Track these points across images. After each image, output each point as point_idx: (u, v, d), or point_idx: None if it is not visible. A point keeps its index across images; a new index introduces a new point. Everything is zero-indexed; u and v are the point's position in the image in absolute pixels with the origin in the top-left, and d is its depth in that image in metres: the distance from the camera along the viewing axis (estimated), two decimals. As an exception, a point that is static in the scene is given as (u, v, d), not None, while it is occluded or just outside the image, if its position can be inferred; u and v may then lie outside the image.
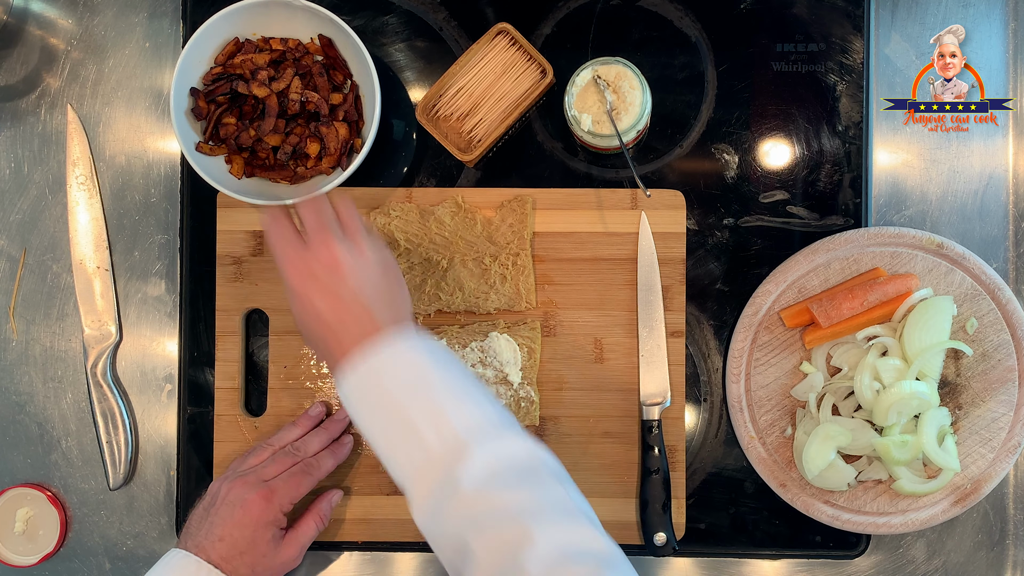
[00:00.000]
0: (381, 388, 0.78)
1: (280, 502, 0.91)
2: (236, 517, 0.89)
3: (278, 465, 0.94)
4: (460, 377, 0.80)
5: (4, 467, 1.06)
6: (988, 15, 1.04)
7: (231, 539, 0.89)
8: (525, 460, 0.77)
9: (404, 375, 0.78)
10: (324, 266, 0.80)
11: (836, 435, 0.97)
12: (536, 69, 0.99)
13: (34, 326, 1.06)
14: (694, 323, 1.03)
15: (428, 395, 0.77)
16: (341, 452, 0.99)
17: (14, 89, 1.07)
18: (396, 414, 0.77)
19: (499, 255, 1.01)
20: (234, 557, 0.89)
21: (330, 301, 0.80)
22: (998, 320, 0.99)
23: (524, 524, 0.73)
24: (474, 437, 0.76)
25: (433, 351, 0.80)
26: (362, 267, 0.82)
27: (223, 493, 0.91)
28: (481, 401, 0.79)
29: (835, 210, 1.03)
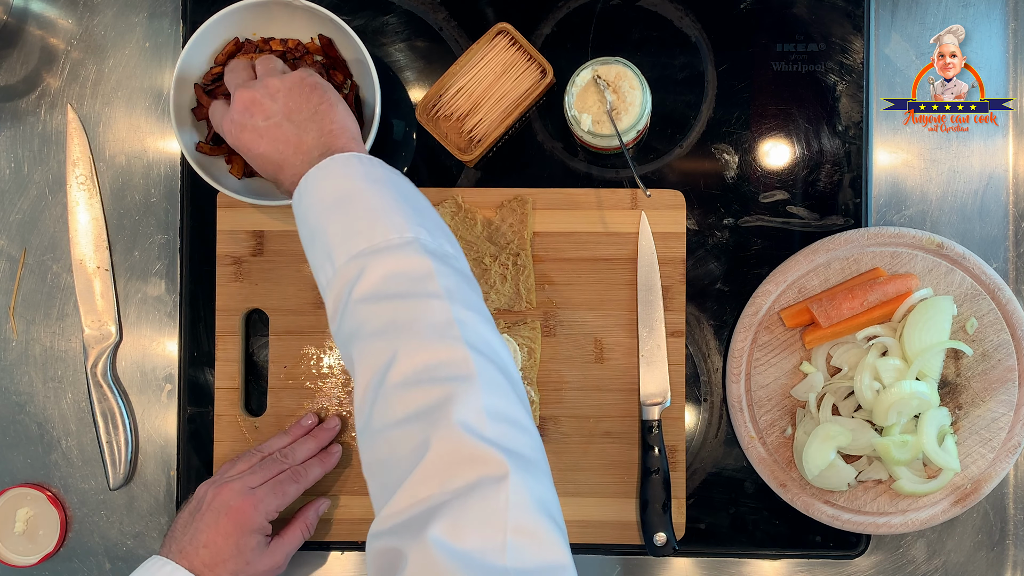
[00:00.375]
0: (310, 207, 0.80)
1: (265, 510, 0.91)
2: (220, 524, 0.89)
3: (265, 472, 0.94)
4: (388, 194, 0.79)
5: (4, 467, 1.06)
6: (988, 15, 1.04)
7: (215, 546, 0.88)
8: (417, 276, 0.75)
9: (329, 192, 0.80)
10: (240, 112, 0.86)
11: (836, 435, 0.97)
12: (536, 69, 0.99)
13: (34, 326, 1.06)
14: (694, 323, 1.03)
15: (347, 212, 0.78)
16: (329, 461, 0.99)
17: (14, 89, 1.07)
18: (319, 232, 0.79)
19: (499, 255, 1.01)
20: (217, 564, 0.88)
21: (258, 137, 0.85)
22: (998, 320, 0.99)
23: (392, 339, 0.72)
24: (376, 253, 0.75)
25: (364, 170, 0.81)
26: (271, 96, 0.86)
27: (209, 499, 0.91)
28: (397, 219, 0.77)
29: (835, 210, 1.03)
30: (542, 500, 0.68)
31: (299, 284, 1.03)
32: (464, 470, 0.66)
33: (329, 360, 1.03)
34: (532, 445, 0.71)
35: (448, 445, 0.67)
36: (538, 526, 0.66)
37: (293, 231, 1.03)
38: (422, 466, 0.67)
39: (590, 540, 1.02)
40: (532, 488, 0.67)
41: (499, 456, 0.67)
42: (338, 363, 1.03)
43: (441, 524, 0.64)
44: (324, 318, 1.03)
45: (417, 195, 0.83)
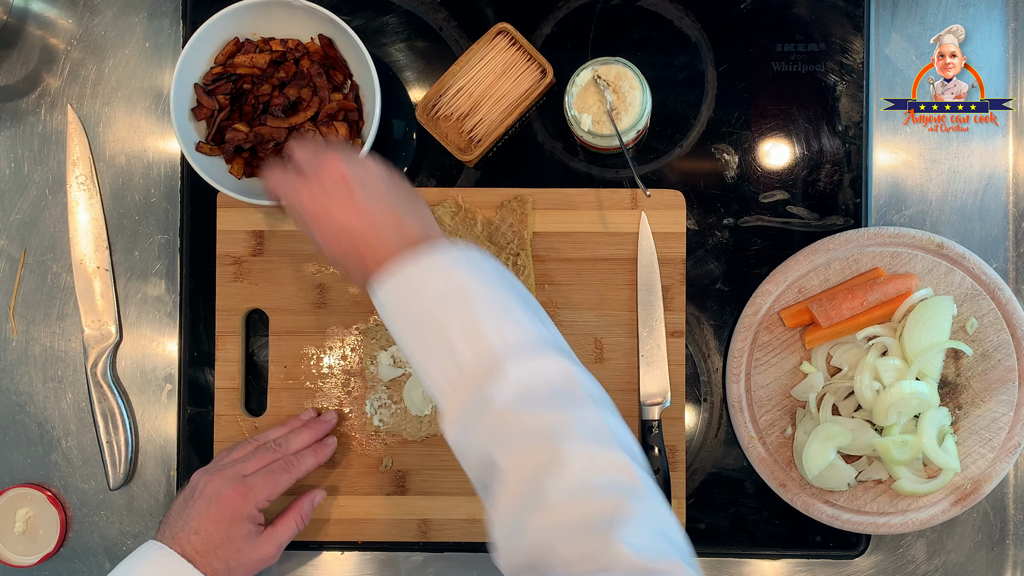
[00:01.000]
0: (419, 298, 0.76)
1: (256, 499, 0.90)
2: (212, 511, 0.89)
3: (258, 460, 0.93)
4: (503, 291, 0.77)
5: (4, 467, 1.06)
6: (988, 15, 1.04)
7: (206, 533, 0.88)
8: (560, 380, 0.74)
9: (443, 286, 0.76)
10: (333, 181, 0.79)
11: (836, 435, 0.97)
12: (536, 69, 0.99)
13: (34, 326, 1.06)
14: (694, 323, 1.03)
15: (465, 308, 0.75)
16: (323, 452, 0.98)
17: (14, 89, 1.07)
18: (432, 326, 0.75)
19: (499, 255, 1.01)
20: (208, 551, 0.88)
21: (352, 211, 0.79)
22: (998, 320, 0.99)
23: (551, 446, 0.70)
24: (509, 354, 0.73)
25: (475, 263, 0.78)
26: (371, 176, 0.81)
27: (201, 486, 0.91)
28: (521, 317, 0.76)
29: (835, 210, 1.03)
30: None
31: (299, 284, 1.03)
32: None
33: (329, 360, 1.03)
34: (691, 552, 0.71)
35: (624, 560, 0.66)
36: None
37: (293, 231, 1.03)
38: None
39: (590, 540, 1.02)
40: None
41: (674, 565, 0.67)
42: (338, 363, 1.03)
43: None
44: (324, 318, 1.03)
45: (523, 288, 0.80)
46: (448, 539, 1.02)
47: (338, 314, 1.03)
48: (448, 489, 1.02)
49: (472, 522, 1.02)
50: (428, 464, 1.02)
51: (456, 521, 1.02)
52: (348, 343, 1.03)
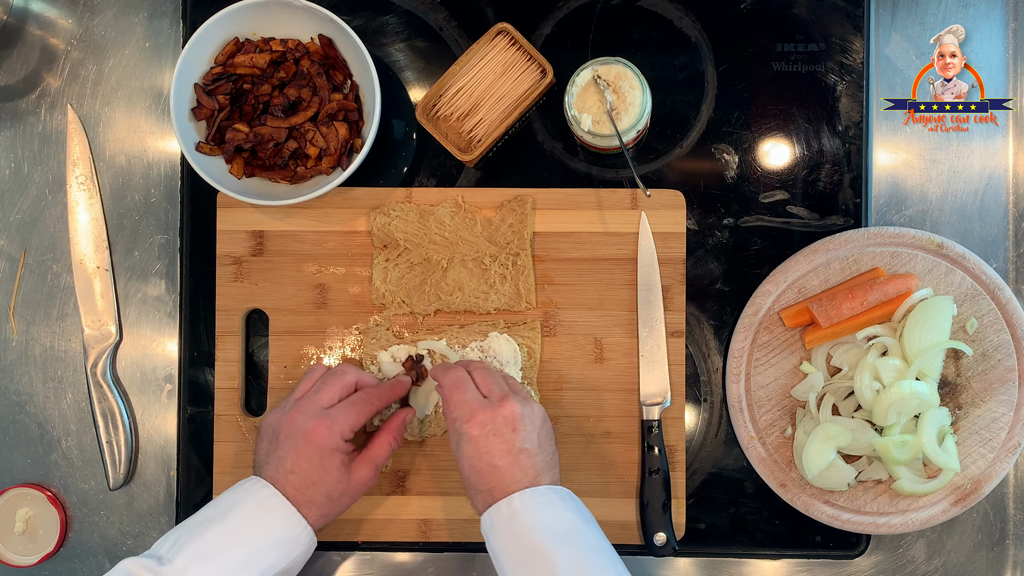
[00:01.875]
0: (532, 531, 0.84)
1: (341, 429, 0.90)
2: (300, 448, 0.89)
3: (331, 389, 0.93)
4: (603, 539, 0.87)
5: (4, 467, 1.06)
6: (988, 15, 1.04)
7: (300, 471, 0.89)
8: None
9: (556, 525, 0.85)
10: (506, 422, 0.88)
11: (836, 435, 0.97)
12: (536, 69, 0.99)
13: (34, 326, 1.06)
14: (694, 323, 1.03)
15: (577, 549, 0.83)
16: (400, 387, 0.98)
17: (14, 89, 1.07)
18: (543, 560, 0.83)
19: (499, 255, 1.01)
20: (307, 487, 0.89)
21: (507, 455, 0.88)
22: (998, 320, 0.99)
23: None
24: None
25: (582, 509, 0.88)
26: (534, 425, 0.90)
27: (284, 426, 0.91)
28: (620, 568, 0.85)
29: (835, 210, 1.03)
30: None
31: (299, 284, 1.03)
32: None
33: (329, 360, 1.03)
34: None
35: None
36: None
37: (293, 231, 1.03)
38: None
39: (590, 540, 1.02)
40: None
41: None
42: (338, 363, 1.03)
43: None
44: (324, 318, 1.03)
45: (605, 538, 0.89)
46: (448, 539, 1.02)
47: (338, 314, 1.03)
48: (448, 489, 1.02)
49: (472, 522, 1.02)
50: (428, 464, 1.02)
51: (456, 521, 1.02)
52: (348, 343, 1.03)
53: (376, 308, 1.03)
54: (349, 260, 1.03)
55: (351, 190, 1.03)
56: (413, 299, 1.02)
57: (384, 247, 1.02)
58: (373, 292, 1.02)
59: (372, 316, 1.03)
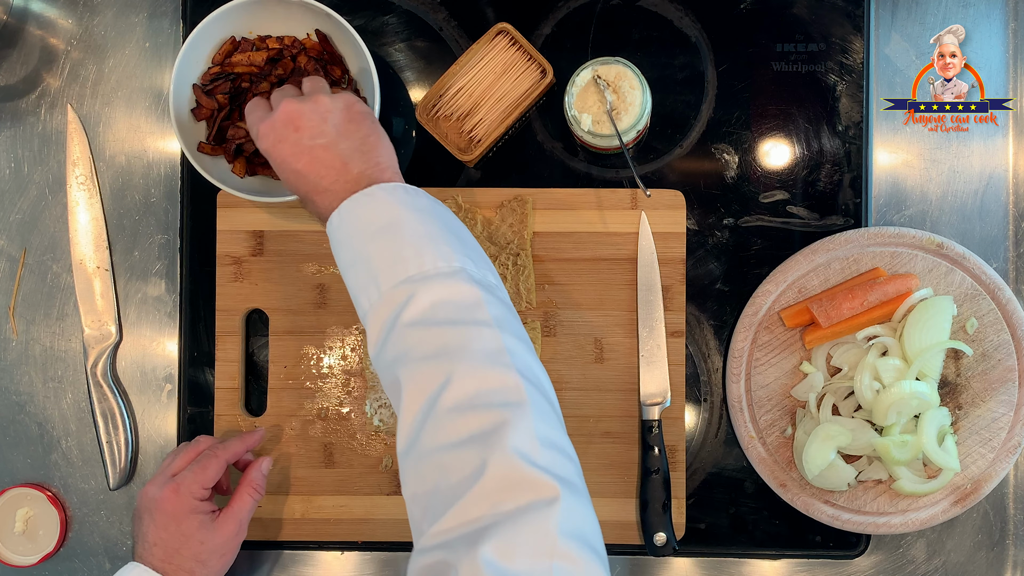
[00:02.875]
0: (354, 231, 0.80)
1: (189, 490, 0.90)
2: (156, 519, 0.90)
3: (184, 457, 0.93)
4: (433, 224, 0.80)
5: (4, 467, 1.06)
6: (988, 15, 1.04)
7: (161, 542, 0.89)
8: (467, 303, 0.76)
9: (376, 220, 0.80)
10: (283, 123, 0.84)
11: (836, 435, 0.97)
12: (536, 69, 0.99)
13: (34, 326, 1.06)
14: (694, 323, 1.03)
15: (393, 239, 0.79)
16: (250, 438, 0.97)
17: (14, 89, 1.07)
18: (363, 257, 0.79)
19: (499, 255, 1.01)
20: (172, 556, 0.89)
21: (300, 156, 0.83)
22: (998, 320, 0.99)
23: (446, 365, 0.73)
24: (425, 280, 0.77)
25: (412, 198, 0.82)
26: (321, 115, 0.84)
27: (139, 501, 0.92)
28: (444, 249, 0.79)
29: (835, 210, 1.03)
30: (587, 527, 0.70)
31: (299, 284, 1.03)
32: (517, 494, 0.68)
33: (329, 360, 1.03)
34: (578, 473, 0.73)
35: (502, 469, 0.69)
36: (582, 553, 0.68)
37: (293, 231, 1.03)
38: (477, 487, 0.68)
39: (590, 540, 1.02)
40: (579, 515, 0.69)
41: (551, 482, 0.69)
42: (338, 363, 1.03)
43: (492, 544, 0.66)
44: (324, 318, 1.03)
45: (461, 226, 0.84)
46: (448, 539, 1.02)
47: (338, 314, 1.03)
48: (448, 489, 1.02)
49: (472, 522, 1.02)
50: (428, 464, 1.02)
51: (456, 521, 1.02)
52: (348, 343, 1.03)
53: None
54: (349, 260, 1.03)
55: (351, 190, 1.03)
56: (413, 299, 1.02)
57: (384, 247, 1.02)
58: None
59: (372, 316, 1.03)
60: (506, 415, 0.71)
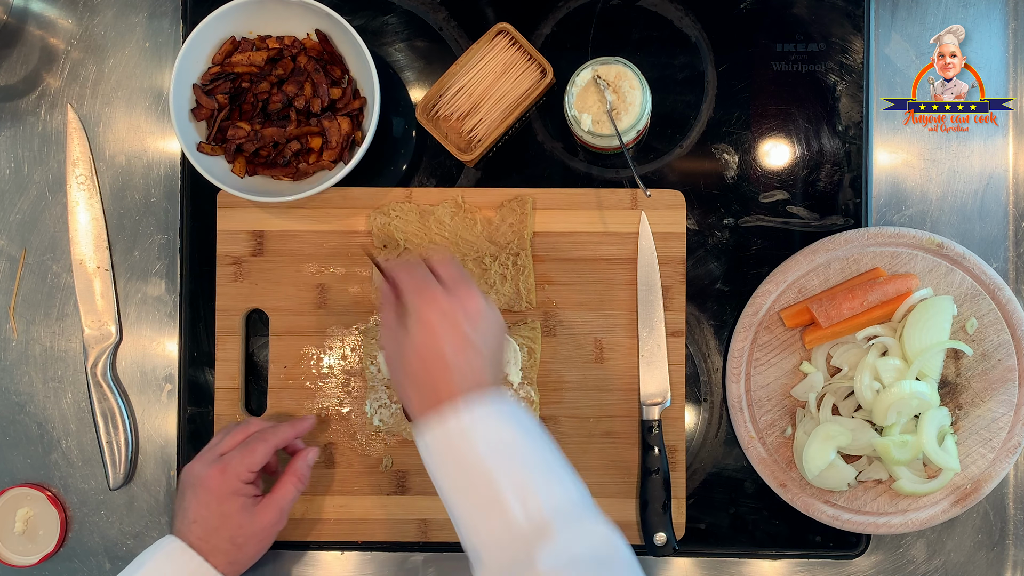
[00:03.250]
0: (472, 448, 0.78)
1: (236, 471, 0.90)
2: (199, 496, 0.90)
3: (232, 438, 0.93)
4: (547, 449, 0.80)
5: (4, 467, 1.06)
6: (988, 15, 1.04)
7: (201, 519, 0.89)
8: (602, 549, 0.77)
9: (496, 439, 0.79)
10: (467, 313, 0.82)
11: (836, 435, 0.97)
12: (536, 69, 0.99)
13: (34, 326, 1.06)
14: (694, 323, 1.03)
15: (518, 465, 0.78)
16: (301, 424, 0.97)
17: (14, 89, 1.07)
18: (482, 479, 0.77)
19: (499, 255, 1.01)
20: (210, 535, 0.89)
21: (462, 344, 0.81)
22: (998, 320, 0.99)
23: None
24: (557, 517, 0.76)
25: (524, 418, 0.81)
26: (492, 323, 0.84)
27: (184, 477, 0.92)
28: (565, 478, 0.79)
29: (835, 210, 1.03)
30: None
31: (299, 284, 1.03)
32: None
33: (329, 360, 1.03)
34: None
35: None
36: None
37: (293, 231, 1.03)
38: None
39: (590, 540, 1.02)
40: None
41: None
42: (338, 363, 1.03)
43: None
44: (324, 318, 1.03)
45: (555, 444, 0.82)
46: (448, 539, 1.02)
47: (338, 314, 1.03)
48: (448, 489, 1.02)
49: (472, 522, 1.02)
50: (428, 464, 1.02)
51: (456, 521, 1.02)
52: (348, 343, 1.03)
53: (376, 308, 1.03)
54: (349, 260, 1.03)
55: (351, 190, 1.03)
56: (413, 299, 1.02)
57: (384, 247, 1.03)
58: (373, 292, 1.02)
59: (372, 316, 1.03)
60: None
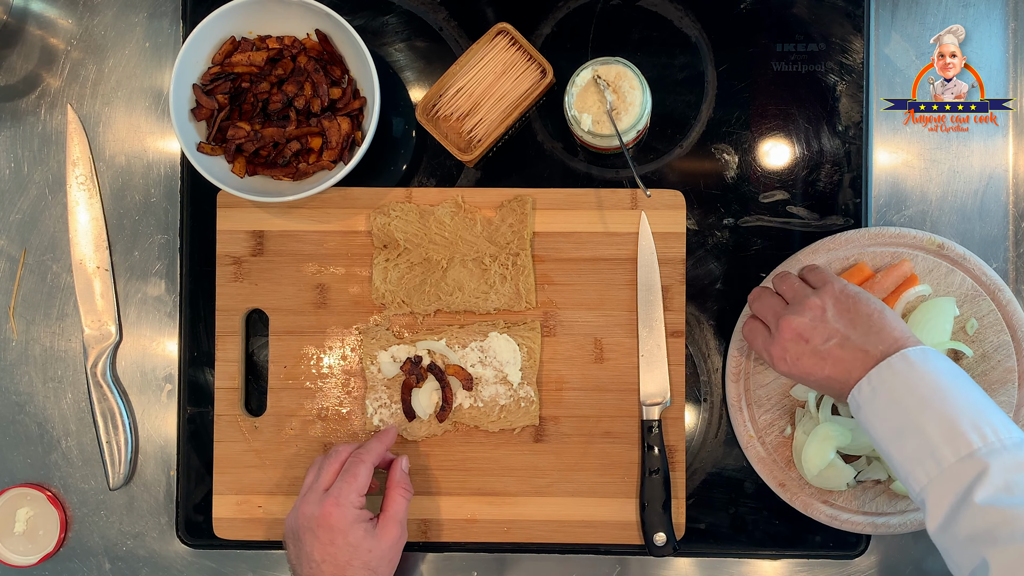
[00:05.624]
0: (895, 402, 0.81)
1: (349, 500, 0.91)
2: (320, 536, 0.89)
3: (328, 470, 0.93)
4: (974, 391, 0.82)
5: (4, 467, 1.06)
6: (988, 15, 1.04)
7: (330, 557, 0.89)
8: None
9: (918, 389, 0.80)
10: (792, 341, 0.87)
11: (835, 435, 0.97)
12: (536, 69, 0.99)
13: (34, 326, 1.06)
14: (694, 323, 1.03)
15: (944, 409, 0.79)
16: (386, 436, 0.98)
17: (14, 89, 1.07)
18: (911, 427, 0.80)
19: (499, 255, 1.01)
20: (343, 570, 0.89)
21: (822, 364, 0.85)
22: (998, 321, 0.99)
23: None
24: (991, 453, 0.77)
25: (945, 365, 0.82)
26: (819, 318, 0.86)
27: (300, 522, 0.91)
28: (995, 417, 0.79)
29: (835, 210, 1.03)
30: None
31: (299, 284, 1.03)
32: None
33: (329, 360, 1.03)
34: None
35: None
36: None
37: (293, 231, 1.03)
38: None
39: (590, 540, 1.02)
40: None
41: None
42: (338, 363, 1.03)
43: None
44: (324, 318, 1.03)
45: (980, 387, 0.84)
46: (448, 539, 1.02)
47: (338, 314, 1.03)
48: (448, 489, 1.02)
49: (472, 522, 1.02)
50: (428, 464, 1.02)
51: (456, 521, 1.02)
52: (348, 343, 1.03)
53: (376, 308, 1.03)
54: (349, 260, 1.03)
55: (351, 190, 1.03)
56: (413, 299, 1.02)
57: (384, 247, 1.03)
58: (373, 292, 1.02)
59: (372, 316, 1.03)
60: None
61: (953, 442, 0.78)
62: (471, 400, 1.02)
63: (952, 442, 0.78)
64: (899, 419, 0.80)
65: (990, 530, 0.74)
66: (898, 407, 0.81)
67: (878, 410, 0.82)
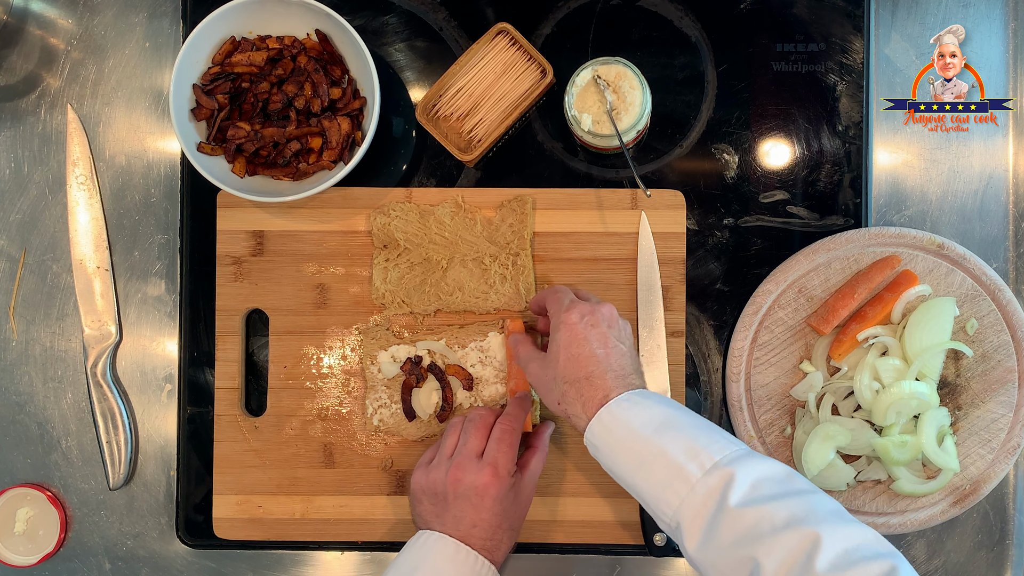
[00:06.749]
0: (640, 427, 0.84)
1: (507, 469, 0.92)
2: (476, 503, 0.91)
3: (476, 437, 0.94)
4: (698, 418, 0.86)
5: (4, 467, 1.06)
6: (988, 15, 1.04)
7: (484, 522, 0.90)
8: (783, 475, 0.80)
9: (654, 417, 0.84)
10: (604, 317, 0.90)
11: (836, 435, 0.97)
12: (536, 69, 0.99)
13: (34, 326, 1.06)
14: (694, 323, 1.03)
15: (679, 434, 0.83)
16: (525, 402, 0.98)
17: (14, 89, 1.07)
18: (652, 452, 0.82)
19: (499, 255, 1.01)
20: (494, 534, 0.91)
21: (605, 343, 0.88)
22: (998, 321, 0.99)
23: (806, 530, 0.75)
24: (730, 460, 0.80)
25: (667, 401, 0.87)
26: (625, 326, 0.92)
27: (450, 486, 0.92)
28: (723, 436, 0.83)
29: (835, 210, 1.03)
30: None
31: (299, 284, 1.03)
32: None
33: (329, 360, 1.03)
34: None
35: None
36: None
37: (293, 231, 1.03)
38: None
39: (590, 540, 1.02)
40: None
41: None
42: (338, 363, 1.03)
43: None
44: (324, 318, 1.03)
45: None
46: (448, 539, 1.02)
47: (338, 314, 1.03)
48: (448, 489, 1.02)
49: (472, 522, 1.02)
50: (428, 464, 1.02)
51: (456, 521, 1.02)
52: (348, 343, 1.03)
53: (376, 308, 1.03)
54: (349, 260, 1.03)
55: (351, 190, 1.03)
56: (413, 299, 1.02)
57: (384, 247, 1.03)
58: (373, 292, 1.02)
59: (372, 316, 1.03)
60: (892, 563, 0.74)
61: (696, 458, 0.81)
62: (471, 400, 1.02)
63: (695, 458, 0.81)
64: (642, 446, 0.83)
65: (752, 529, 0.77)
66: (640, 434, 0.83)
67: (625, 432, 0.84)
